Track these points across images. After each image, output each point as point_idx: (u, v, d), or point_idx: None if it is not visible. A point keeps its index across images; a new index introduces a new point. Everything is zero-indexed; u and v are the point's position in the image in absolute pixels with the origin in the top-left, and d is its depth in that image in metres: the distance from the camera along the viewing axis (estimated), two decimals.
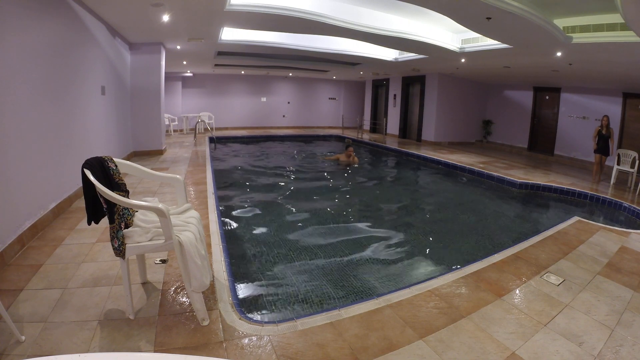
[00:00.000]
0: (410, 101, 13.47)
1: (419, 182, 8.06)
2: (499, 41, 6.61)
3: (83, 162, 2.18)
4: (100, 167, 2.27)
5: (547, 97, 10.82)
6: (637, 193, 6.19)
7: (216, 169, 7.16)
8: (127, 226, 2.21)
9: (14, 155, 3.09)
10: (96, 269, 2.75)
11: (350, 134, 14.08)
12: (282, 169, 8.23)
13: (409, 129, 13.60)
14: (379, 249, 3.94)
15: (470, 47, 7.62)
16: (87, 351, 1.87)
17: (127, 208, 2.24)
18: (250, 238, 4.11)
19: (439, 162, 8.90)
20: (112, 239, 2.10)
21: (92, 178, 2.07)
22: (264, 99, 15.93)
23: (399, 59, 9.93)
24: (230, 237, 4.01)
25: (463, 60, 8.47)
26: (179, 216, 2.42)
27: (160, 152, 8.31)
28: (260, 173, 7.71)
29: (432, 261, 3.75)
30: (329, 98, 17.42)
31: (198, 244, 2.19)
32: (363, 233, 4.45)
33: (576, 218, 4.69)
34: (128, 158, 7.30)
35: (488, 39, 6.94)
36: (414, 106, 13.16)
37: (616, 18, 5.17)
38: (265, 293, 2.92)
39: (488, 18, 5.05)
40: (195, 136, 11.57)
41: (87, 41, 5.13)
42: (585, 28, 5.61)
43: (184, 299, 2.41)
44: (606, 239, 4.01)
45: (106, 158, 2.36)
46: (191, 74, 14.04)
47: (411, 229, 4.75)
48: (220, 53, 9.64)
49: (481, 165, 8.30)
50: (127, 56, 7.60)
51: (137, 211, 2.36)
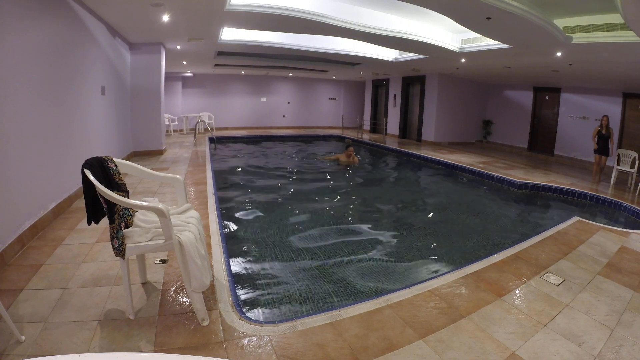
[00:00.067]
0: (410, 101, 13.46)
1: (419, 182, 8.06)
2: (499, 41, 6.61)
3: (83, 162, 2.18)
4: (100, 167, 2.27)
5: (547, 97, 10.82)
6: (637, 193, 6.19)
7: (216, 169, 7.15)
8: (127, 226, 2.21)
9: (14, 155, 3.09)
10: (96, 269, 2.75)
11: (350, 134, 14.08)
12: (282, 169, 8.23)
13: (409, 129, 13.59)
14: (379, 249, 3.94)
15: (470, 47, 7.62)
16: (87, 351, 1.87)
17: (127, 208, 2.24)
18: (250, 238, 4.11)
19: (439, 162, 8.90)
20: (112, 239, 2.10)
21: (92, 178, 2.07)
22: (264, 99, 15.94)
23: (399, 59, 9.93)
24: (230, 237, 4.01)
25: (463, 60, 8.47)
26: (179, 216, 2.42)
27: (160, 152, 8.31)
28: (260, 173, 7.72)
29: (432, 261, 3.75)
30: (329, 98, 17.42)
31: (198, 244, 2.19)
32: (363, 233, 4.45)
33: (576, 218, 4.70)
34: (128, 158, 7.31)
35: (488, 39, 6.93)
36: (414, 106, 13.15)
37: (616, 18, 5.17)
38: (265, 293, 2.92)
39: (488, 18, 5.06)
40: (195, 136, 11.57)
41: (87, 41, 5.13)
42: (585, 28, 5.61)
43: (184, 299, 2.41)
44: (606, 239, 4.01)
45: (106, 158, 2.36)
46: (191, 74, 14.04)
47: (411, 229, 4.74)
48: (220, 53, 9.63)
49: (481, 165, 8.30)
50: (127, 56, 7.60)
51: (137, 211, 2.36)
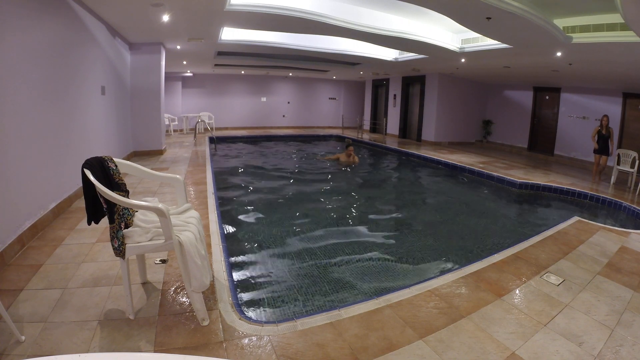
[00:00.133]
0: (410, 101, 13.46)
1: (419, 182, 8.05)
2: (499, 41, 6.61)
3: (83, 162, 2.18)
4: (100, 167, 2.27)
5: (547, 97, 10.82)
6: (637, 193, 6.19)
7: (216, 169, 7.15)
8: (127, 226, 2.21)
9: (14, 155, 3.09)
10: (96, 269, 2.75)
11: (350, 134, 14.08)
12: (282, 169, 8.23)
13: (409, 129, 13.59)
14: (379, 249, 3.94)
15: (470, 47, 7.62)
16: (87, 351, 1.87)
17: (127, 208, 2.24)
18: (250, 238, 4.11)
19: (439, 162, 8.90)
20: (112, 239, 2.10)
21: (92, 178, 2.07)
22: (264, 99, 15.94)
23: (399, 59, 9.93)
24: (230, 237, 4.01)
25: (463, 60, 8.46)
26: (179, 216, 2.42)
27: (160, 152, 8.31)
28: (260, 173, 7.72)
29: (432, 261, 3.74)
30: (329, 98, 17.42)
31: (198, 244, 2.19)
32: (363, 233, 4.45)
33: (576, 218, 4.69)
34: (128, 158, 7.30)
35: (488, 39, 6.94)
36: (414, 106, 13.15)
37: (616, 18, 5.17)
38: (265, 293, 2.92)
39: (488, 18, 5.06)
40: (195, 136, 11.57)
41: (87, 41, 5.13)
42: (585, 28, 5.61)
43: (184, 299, 2.41)
44: (606, 239, 4.01)
45: (106, 158, 2.36)
46: (191, 74, 14.04)
47: (411, 229, 4.74)
48: (220, 53, 9.63)
49: (481, 165, 8.30)
50: (127, 56, 7.60)
51: (137, 211, 2.36)
